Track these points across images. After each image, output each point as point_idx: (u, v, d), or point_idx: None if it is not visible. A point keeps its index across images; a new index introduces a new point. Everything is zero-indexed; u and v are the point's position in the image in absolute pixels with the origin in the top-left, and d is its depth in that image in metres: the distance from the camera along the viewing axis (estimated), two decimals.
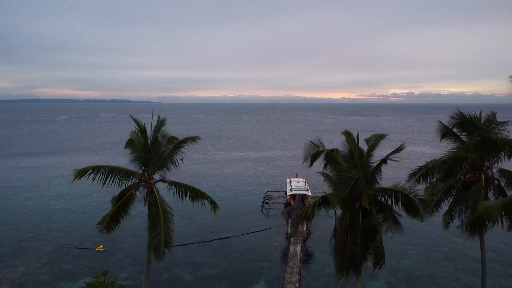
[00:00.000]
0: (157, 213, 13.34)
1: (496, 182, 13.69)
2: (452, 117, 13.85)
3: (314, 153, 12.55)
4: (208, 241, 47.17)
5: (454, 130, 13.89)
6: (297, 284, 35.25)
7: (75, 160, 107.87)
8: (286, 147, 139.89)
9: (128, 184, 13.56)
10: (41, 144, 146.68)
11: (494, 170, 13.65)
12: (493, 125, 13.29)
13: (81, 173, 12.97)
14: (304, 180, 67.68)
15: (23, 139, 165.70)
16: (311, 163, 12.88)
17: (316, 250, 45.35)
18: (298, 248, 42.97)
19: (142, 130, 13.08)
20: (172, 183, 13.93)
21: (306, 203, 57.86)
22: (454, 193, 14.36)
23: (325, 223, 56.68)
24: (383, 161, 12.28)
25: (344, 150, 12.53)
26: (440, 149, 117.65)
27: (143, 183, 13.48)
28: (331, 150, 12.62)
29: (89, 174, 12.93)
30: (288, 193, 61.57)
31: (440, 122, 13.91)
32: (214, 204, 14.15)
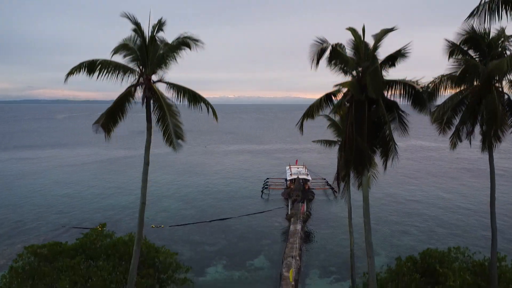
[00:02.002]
0: (161, 108, 12.99)
1: (506, 96, 13.35)
2: (459, 33, 13.41)
3: (320, 50, 12.12)
4: (207, 222, 46.87)
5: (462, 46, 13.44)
6: (297, 258, 34.93)
7: (74, 152, 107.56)
8: (285, 141, 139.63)
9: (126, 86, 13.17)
10: (41, 138, 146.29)
11: (504, 83, 13.28)
12: (503, 39, 12.92)
13: (75, 69, 12.41)
14: (304, 167, 67.38)
15: (23, 134, 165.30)
16: (317, 62, 12.43)
17: (316, 230, 45.07)
18: (299, 227, 42.66)
19: (139, 27, 12.59)
20: (171, 85, 13.52)
21: (306, 188, 57.54)
22: (463, 109, 13.98)
23: (325, 206, 56.47)
24: (391, 56, 11.91)
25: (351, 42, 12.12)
26: (438, 142, 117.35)
27: (141, 82, 13.09)
28: (335, 44, 12.21)
29: (83, 69, 12.39)
30: (288, 178, 61.22)
31: (447, 40, 13.46)
32: (212, 109, 13.73)
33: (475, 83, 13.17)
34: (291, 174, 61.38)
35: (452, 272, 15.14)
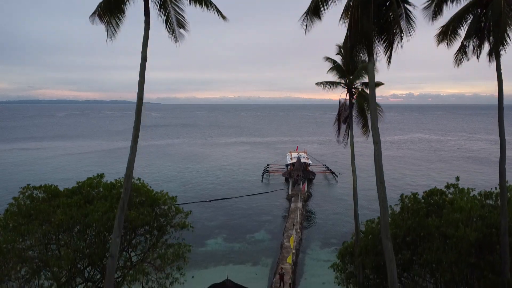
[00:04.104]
0: None
1: None
2: None
3: None
4: (208, 201, 46.51)
5: None
6: (298, 231, 34.60)
7: (74, 143, 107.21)
8: (285, 134, 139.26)
9: None
10: (42, 132, 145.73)
11: None
12: None
13: None
14: (305, 152, 67.04)
15: (24, 128, 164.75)
16: None
17: (317, 208, 44.74)
18: (300, 205, 42.32)
19: None
20: None
21: (307, 170, 57.10)
22: (469, 20, 13.52)
23: (326, 188, 56.15)
24: None
25: None
26: (438, 136, 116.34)
27: None
28: None
29: None
30: (289, 162, 60.76)
31: None
32: (215, 7, 13.13)
33: None
34: (291, 158, 61.01)
35: (460, 198, 14.75)
